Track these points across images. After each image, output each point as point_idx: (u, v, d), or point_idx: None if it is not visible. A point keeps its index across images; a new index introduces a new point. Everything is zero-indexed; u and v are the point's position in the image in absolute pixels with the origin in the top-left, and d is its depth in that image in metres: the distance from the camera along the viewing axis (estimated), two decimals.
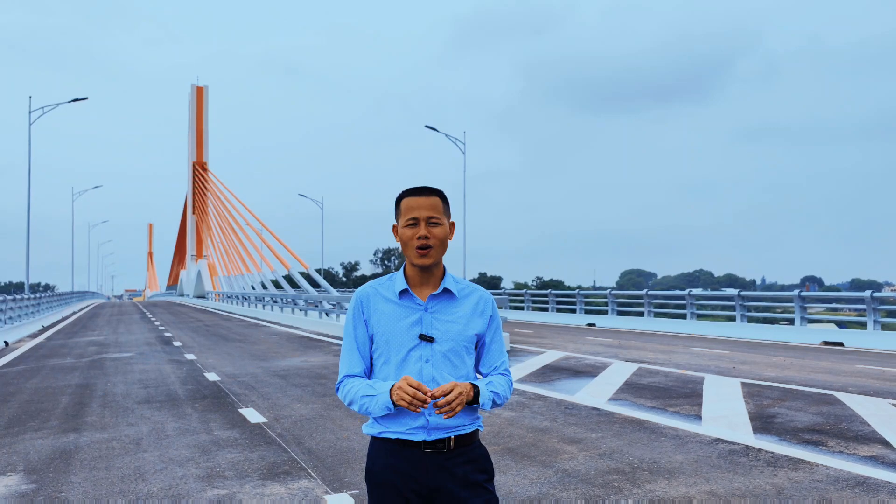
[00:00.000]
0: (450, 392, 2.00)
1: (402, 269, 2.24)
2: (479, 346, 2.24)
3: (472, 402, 2.08)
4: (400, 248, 2.20)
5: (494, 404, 2.15)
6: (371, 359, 2.21)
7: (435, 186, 2.20)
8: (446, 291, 2.19)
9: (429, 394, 1.97)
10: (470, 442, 2.16)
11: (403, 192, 2.20)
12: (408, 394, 1.97)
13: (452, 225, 2.22)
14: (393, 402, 2.02)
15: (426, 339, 2.13)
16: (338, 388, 2.22)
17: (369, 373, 2.22)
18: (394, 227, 2.21)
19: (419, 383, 1.99)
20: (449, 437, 2.12)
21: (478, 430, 2.20)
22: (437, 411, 2.00)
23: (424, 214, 2.13)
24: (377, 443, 2.17)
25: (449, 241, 2.19)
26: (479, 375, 2.28)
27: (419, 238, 2.12)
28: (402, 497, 2.10)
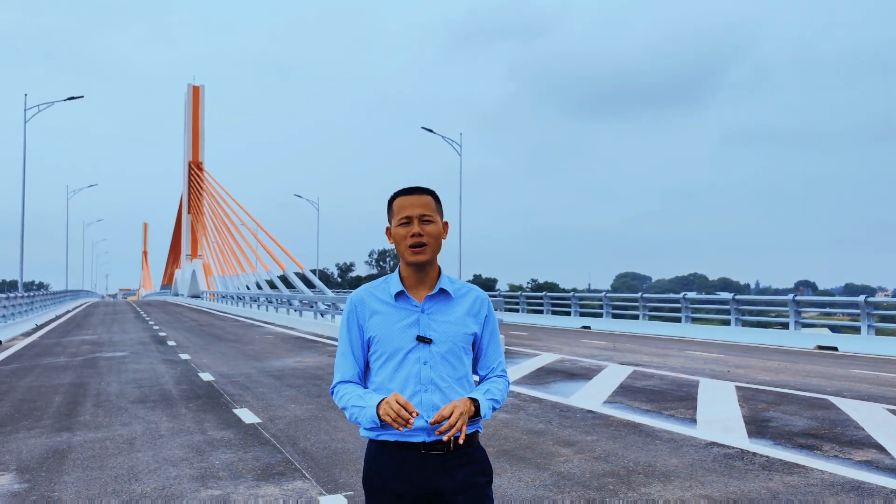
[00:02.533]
0: (449, 415, 1.98)
1: (396, 270, 2.22)
2: (476, 346, 2.23)
3: (474, 415, 2.07)
4: (395, 249, 2.18)
5: (493, 410, 2.16)
6: (367, 362, 2.20)
7: (427, 186, 2.20)
8: (442, 292, 2.17)
9: (414, 413, 1.94)
10: (470, 444, 2.14)
11: (395, 192, 2.19)
12: (393, 409, 1.94)
13: (446, 224, 2.20)
14: (379, 417, 2.00)
15: (424, 340, 2.11)
16: (332, 392, 2.21)
17: (364, 376, 2.21)
18: (387, 228, 2.20)
19: (406, 402, 1.96)
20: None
21: (477, 431, 2.18)
22: (445, 437, 1.98)
23: (417, 212, 2.12)
24: (375, 445, 2.14)
25: (443, 240, 2.17)
26: (476, 376, 2.27)
27: (412, 236, 2.10)
28: (400, 500, 2.08)
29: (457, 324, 2.15)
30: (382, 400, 2.01)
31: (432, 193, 2.18)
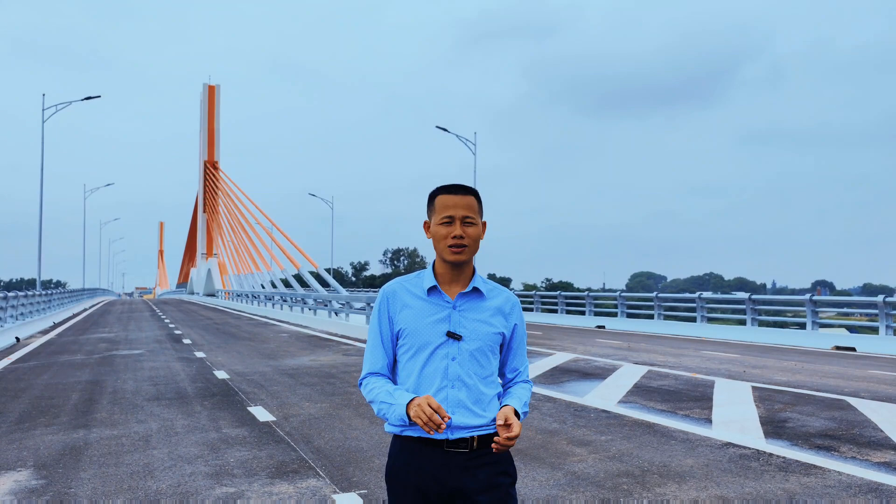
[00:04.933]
0: (512, 425, 2.02)
1: (430, 266, 2.23)
2: (504, 348, 2.23)
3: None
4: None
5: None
6: (395, 355, 2.20)
7: (469, 185, 2.20)
8: (475, 290, 2.17)
9: (446, 418, 1.95)
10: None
11: (438, 188, 2.19)
12: (425, 413, 1.95)
13: (484, 224, 2.21)
14: (409, 417, 2.01)
15: (454, 336, 2.11)
16: (360, 384, 2.21)
17: (392, 369, 2.21)
18: (425, 223, 2.20)
19: (439, 406, 1.96)
20: (472, 437, 2.10)
21: None
22: (497, 448, 2.03)
23: (460, 214, 2.12)
24: (399, 441, 2.15)
25: (481, 240, 2.19)
26: (500, 378, 2.27)
27: (454, 237, 2.11)
28: (423, 497, 2.08)
29: (487, 323, 2.16)
30: (413, 399, 2.01)
31: (475, 194, 2.18)
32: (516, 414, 2.10)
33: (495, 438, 2.02)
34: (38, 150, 32.19)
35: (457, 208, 2.12)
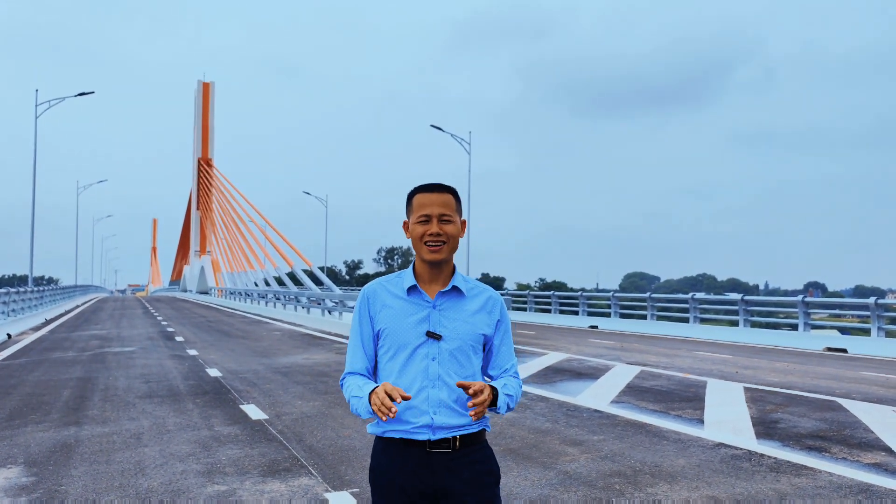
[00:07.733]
0: (482, 393, 1.98)
1: (411, 265, 2.22)
2: (488, 347, 2.22)
3: (490, 405, 2.06)
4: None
5: (508, 408, 2.14)
6: (377, 355, 2.20)
7: (447, 183, 2.19)
8: (455, 289, 2.17)
9: (397, 399, 1.93)
10: (476, 442, 2.14)
11: (416, 188, 2.19)
12: (378, 398, 1.94)
13: (464, 223, 2.20)
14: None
15: (434, 336, 2.11)
16: (341, 384, 2.21)
17: (374, 369, 2.21)
18: (405, 223, 2.20)
19: (393, 389, 1.95)
20: (454, 437, 2.10)
21: (484, 430, 2.17)
22: (471, 414, 1.99)
23: (437, 212, 2.12)
24: (381, 442, 2.14)
25: (460, 238, 2.18)
26: (487, 378, 2.25)
27: (430, 235, 2.11)
28: (407, 497, 2.08)
29: (468, 322, 2.15)
30: (375, 388, 2.01)
31: (453, 192, 2.18)
32: (493, 391, 2.07)
33: (468, 403, 2.00)
34: (31, 147, 32.02)
35: (433, 206, 2.12)
